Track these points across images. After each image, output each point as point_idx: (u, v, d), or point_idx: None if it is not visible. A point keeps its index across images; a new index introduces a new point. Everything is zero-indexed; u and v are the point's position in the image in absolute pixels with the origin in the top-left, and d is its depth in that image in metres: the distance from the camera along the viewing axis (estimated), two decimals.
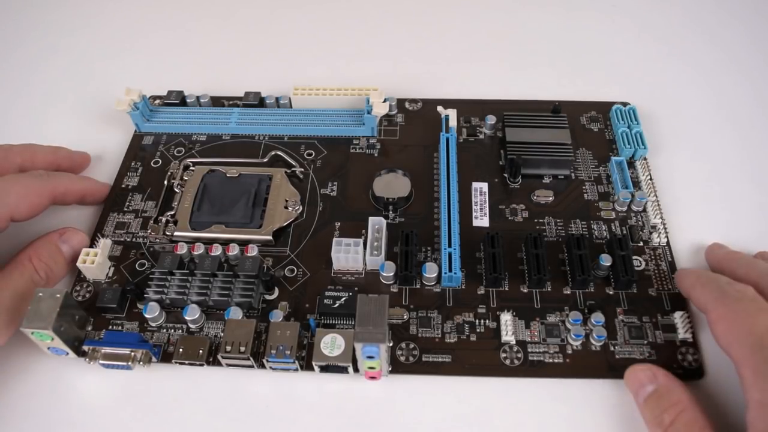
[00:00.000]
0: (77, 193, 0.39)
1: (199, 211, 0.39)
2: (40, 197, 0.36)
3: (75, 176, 0.41)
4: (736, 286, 0.31)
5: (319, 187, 0.41)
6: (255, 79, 0.48)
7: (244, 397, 0.33)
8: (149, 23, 0.54)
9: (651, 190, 0.40)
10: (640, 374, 0.31)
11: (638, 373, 0.31)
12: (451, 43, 0.51)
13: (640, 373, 0.31)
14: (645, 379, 0.31)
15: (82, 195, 0.39)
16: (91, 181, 0.40)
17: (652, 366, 0.32)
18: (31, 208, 0.36)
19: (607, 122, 0.44)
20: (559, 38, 0.51)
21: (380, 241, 0.37)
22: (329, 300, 0.35)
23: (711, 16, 0.53)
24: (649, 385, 0.31)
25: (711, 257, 0.36)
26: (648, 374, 0.31)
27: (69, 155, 0.41)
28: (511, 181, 0.41)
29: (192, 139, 0.44)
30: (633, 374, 0.32)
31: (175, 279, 0.35)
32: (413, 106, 0.46)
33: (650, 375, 0.31)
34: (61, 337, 0.31)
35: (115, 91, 0.44)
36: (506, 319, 0.35)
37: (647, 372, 0.31)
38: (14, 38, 0.53)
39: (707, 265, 0.36)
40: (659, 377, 0.31)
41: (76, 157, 0.42)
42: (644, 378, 0.31)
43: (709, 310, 0.31)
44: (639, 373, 0.31)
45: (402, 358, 0.34)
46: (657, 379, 0.31)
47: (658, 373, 0.31)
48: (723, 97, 0.46)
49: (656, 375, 0.31)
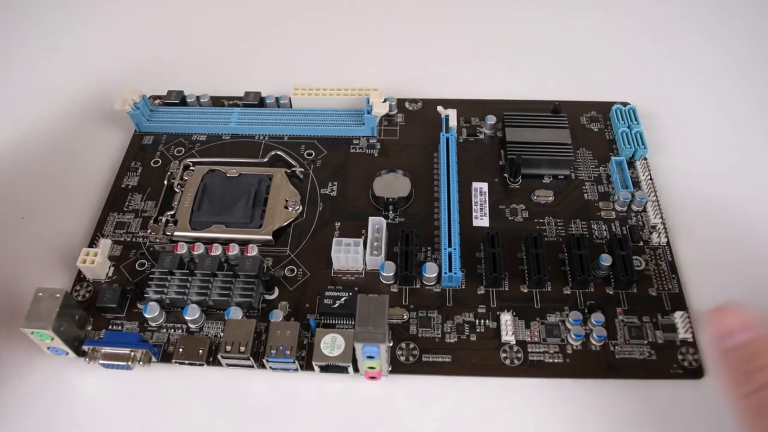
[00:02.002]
0: None
1: (199, 211, 0.39)
2: None
3: None
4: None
5: (319, 187, 0.41)
6: (255, 79, 0.48)
7: (244, 397, 0.33)
8: (149, 23, 0.54)
9: (651, 190, 0.40)
10: (730, 319, 0.26)
11: (728, 317, 0.26)
12: (451, 43, 0.51)
13: (730, 317, 0.26)
14: (737, 325, 0.25)
15: None
16: None
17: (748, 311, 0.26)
18: None
19: (607, 122, 0.44)
20: (559, 38, 0.51)
21: (380, 241, 0.37)
22: (329, 300, 0.35)
23: (711, 16, 0.53)
24: (743, 333, 0.25)
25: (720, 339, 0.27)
26: (743, 320, 0.25)
27: None
28: (511, 181, 0.41)
29: (192, 139, 0.44)
30: (720, 318, 0.26)
31: (175, 279, 0.35)
32: (413, 106, 0.46)
33: (746, 321, 0.25)
34: (60, 336, 0.31)
35: (115, 91, 0.44)
36: (506, 319, 0.35)
37: (742, 317, 0.26)
38: (14, 38, 0.53)
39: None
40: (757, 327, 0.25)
41: None
42: (736, 324, 0.26)
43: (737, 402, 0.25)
44: (729, 317, 0.26)
45: (402, 358, 0.34)
46: (755, 329, 0.25)
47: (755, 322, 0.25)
48: (723, 97, 0.46)
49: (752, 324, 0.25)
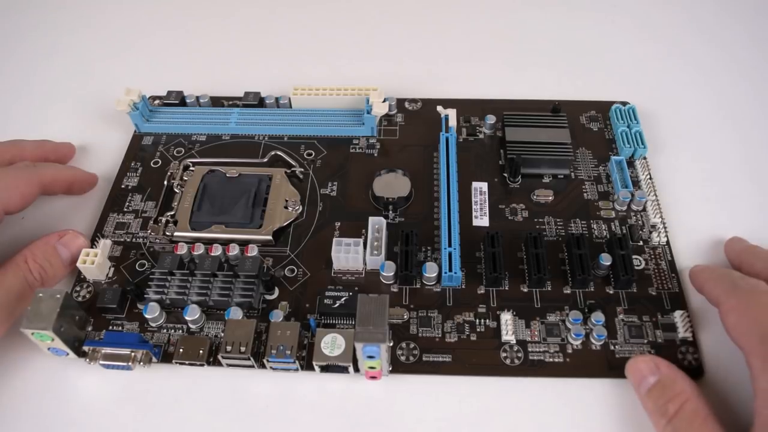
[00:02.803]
0: (64, 180, 0.39)
1: (199, 211, 0.39)
2: (30, 186, 0.36)
3: (61, 165, 0.41)
4: (748, 280, 0.31)
5: (319, 187, 0.41)
6: (255, 79, 0.48)
7: (245, 397, 0.33)
8: (149, 23, 0.54)
9: (651, 190, 0.40)
10: (641, 365, 0.31)
11: (640, 364, 0.31)
12: (451, 43, 0.51)
13: (642, 364, 0.31)
14: (647, 371, 0.31)
15: (70, 183, 0.40)
16: (77, 170, 0.41)
17: (654, 357, 0.32)
18: (22, 199, 0.36)
19: (607, 122, 0.44)
20: (559, 38, 0.51)
21: (380, 241, 0.37)
22: (329, 300, 0.35)
23: (711, 16, 0.53)
24: (651, 376, 0.30)
25: (730, 250, 0.36)
26: (650, 365, 0.31)
27: (54, 147, 0.42)
28: (511, 181, 0.41)
29: (192, 139, 0.44)
30: (634, 365, 0.31)
31: (175, 279, 0.35)
32: (413, 105, 0.46)
33: (652, 366, 0.31)
34: (61, 337, 0.31)
35: (115, 91, 0.43)
36: (506, 318, 0.35)
37: (649, 363, 0.31)
38: (14, 38, 0.53)
39: (720, 261, 0.36)
40: (662, 368, 0.31)
41: (61, 148, 0.42)
42: (646, 369, 0.31)
43: (721, 302, 0.31)
44: (641, 364, 0.31)
45: (402, 357, 0.34)
46: (659, 370, 0.31)
47: (661, 363, 0.31)
48: (723, 97, 0.46)
49: (658, 366, 0.31)
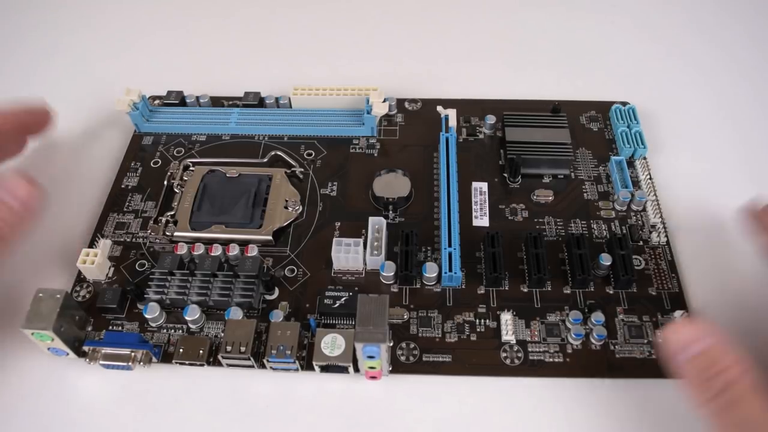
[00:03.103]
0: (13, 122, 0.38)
1: (199, 211, 0.39)
2: None
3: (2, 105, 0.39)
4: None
5: (319, 187, 0.41)
6: (255, 79, 0.48)
7: (245, 397, 0.33)
8: (149, 23, 0.54)
9: (651, 190, 0.40)
10: (684, 332, 0.27)
11: (682, 331, 0.27)
12: (451, 43, 0.51)
13: (684, 331, 0.27)
14: (692, 339, 0.26)
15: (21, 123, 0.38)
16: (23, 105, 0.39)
17: (701, 322, 0.27)
18: None
19: (607, 122, 0.44)
20: (559, 38, 0.51)
21: (380, 241, 0.37)
22: (329, 300, 0.35)
23: (711, 16, 0.53)
24: (696, 345, 0.26)
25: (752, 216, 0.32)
26: (695, 332, 0.26)
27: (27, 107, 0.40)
28: (511, 181, 0.41)
29: (192, 139, 0.44)
30: (674, 334, 0.27)
31: (175, 279, 0.35)
32: (413, 106, 0.46)
33: (698, 334, 0.26)
34: (61, 337, 0.31)
35: (115, 91, 0.43)
36: (506, 318, 0.35)
37: (695, 329, 0.26)
38: (14, 38, 0.53)
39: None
40: (709, 337, 0.26)
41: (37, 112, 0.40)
42: (691, 337, 0.26)
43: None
44: (683, 331, 0.27)
45: (402, 357, 0.34)
46: (706, 339, 0.26)
47: (708, 331, 0.26)
48: (723, 97, 0.46)
49: (705, 334, 0.26)
